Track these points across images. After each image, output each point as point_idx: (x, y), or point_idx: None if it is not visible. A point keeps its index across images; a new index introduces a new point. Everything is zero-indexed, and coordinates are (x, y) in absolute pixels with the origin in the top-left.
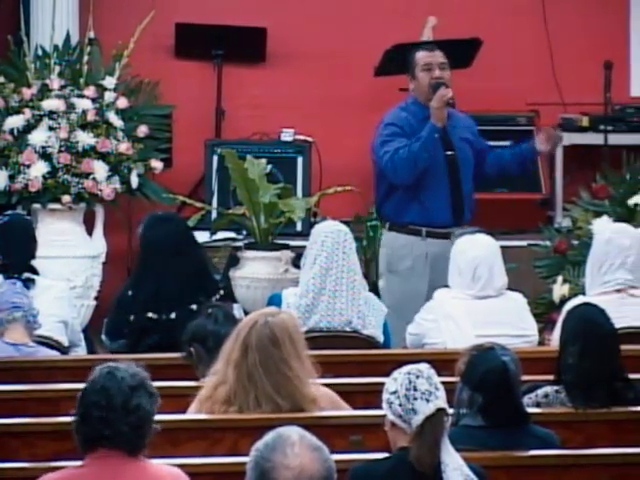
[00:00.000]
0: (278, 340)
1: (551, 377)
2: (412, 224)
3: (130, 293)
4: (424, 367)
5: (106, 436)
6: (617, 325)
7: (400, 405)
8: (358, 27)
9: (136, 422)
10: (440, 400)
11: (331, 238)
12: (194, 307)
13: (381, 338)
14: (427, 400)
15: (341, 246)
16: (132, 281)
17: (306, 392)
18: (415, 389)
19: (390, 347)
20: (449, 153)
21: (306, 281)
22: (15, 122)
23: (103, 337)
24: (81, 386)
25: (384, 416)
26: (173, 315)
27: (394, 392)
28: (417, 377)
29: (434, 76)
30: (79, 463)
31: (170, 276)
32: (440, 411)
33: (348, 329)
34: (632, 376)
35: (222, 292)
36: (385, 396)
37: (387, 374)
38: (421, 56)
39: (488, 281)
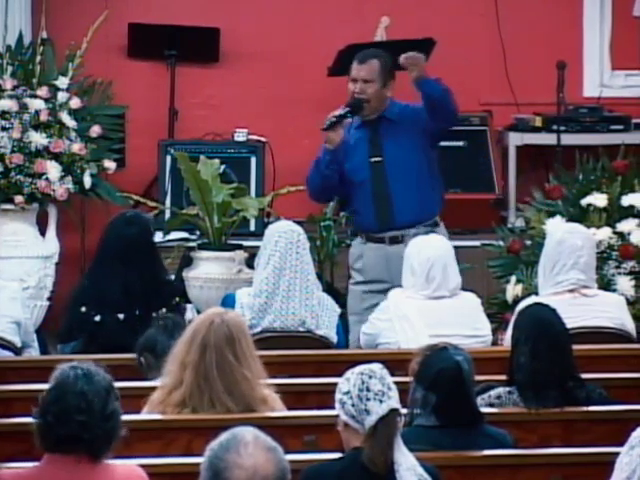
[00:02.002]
0: (234, 339)
1: (504, 377)
2: (354, 231)
3: (86, 283)
4: (377, 367)
5: (84, 439)
6: (570, 325)
7: (353, 405)
8: (311, 27)
9: (111, 428)
10: (393, 400)
11: (284, 238)
12: (145, 311)
13: (334, 338)
14: (380, 401)
15: (295, 246)
16: (88, 274)
17: (257, 393)
18: (368, 389)
19: (343, 347)
20: (374, 160)
21: (260, 281)
22: None
23: (58, 347)
24: (34, 387)
25: (337, 416)
26: (121, 316)
27: (347, 392)
28: (370, 377)
29: (355, 90)
30: (34, 464)
31: (122, 278)
32: (393, 412)
33: (302, 329)
34: (584, 376)
35: (177, 299)
36: (338, 396)
37: (341, 374)
38: (352, 67)
39: (442, 282)
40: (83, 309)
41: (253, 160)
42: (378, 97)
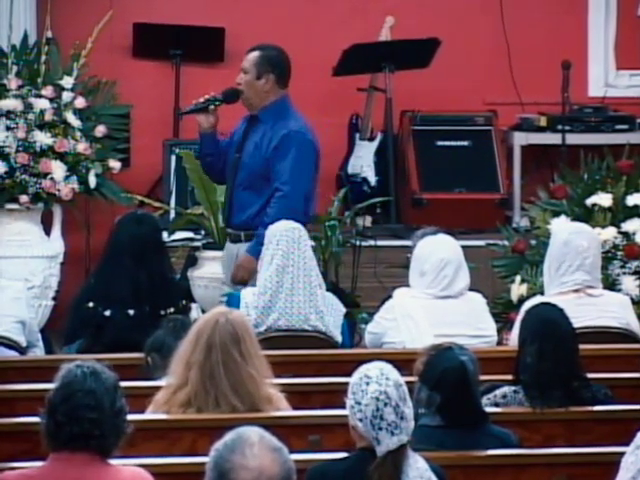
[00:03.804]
0: (239, 338)
1: (510, 377)
2: None
3: (92, 281)
4: (393, 391)
5: (95, 436)
6: (575, 325)
7: (360, 421)
8: (316, 27)
9: (120, 424)
10: (404, 434)
11: (286, 237)
12: (153, 309)
13: (339, 338)
14: (392, 433)
15: (296, 243)
16: (95, 273)
17: (263, 392)
18: (382, 418)
19: (348, 347)
20: (236, 155)
21: (264, 279)
22: None
23: (63, 349)
24: (38, 386)
25: (345, 416)
26: (131, 312)
27: (358, 403)
28: (385, 405)
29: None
30: (39, 464)
31: (131, 276)
32: (403, 446)
33: (306, 326)
34: (590, 376)
35: (184, 302)
36: (349, 402)
37: (346, 374)
38: None
39: (452, 281)
40: (90, 304)
41: None
42: (250, 88)
